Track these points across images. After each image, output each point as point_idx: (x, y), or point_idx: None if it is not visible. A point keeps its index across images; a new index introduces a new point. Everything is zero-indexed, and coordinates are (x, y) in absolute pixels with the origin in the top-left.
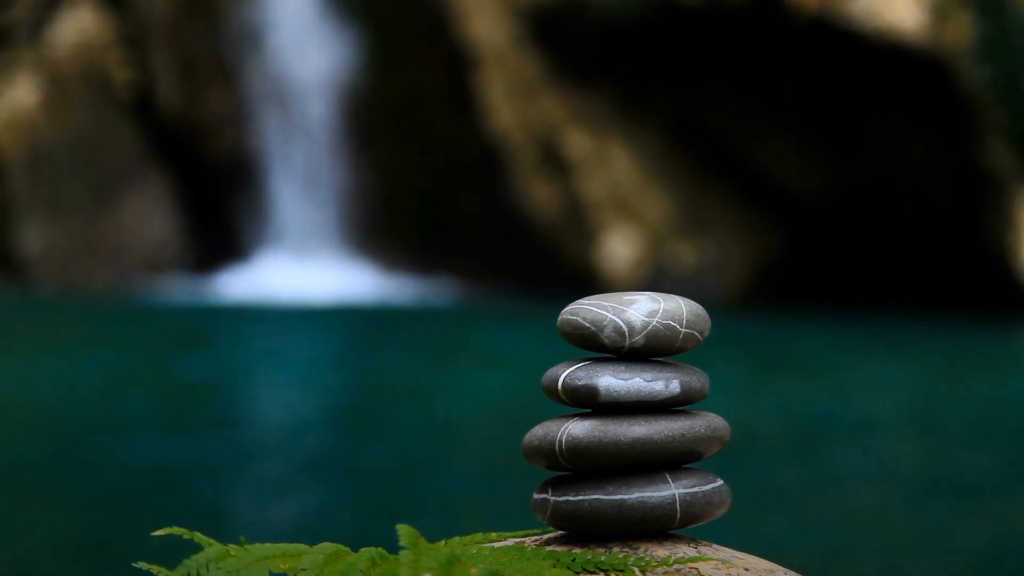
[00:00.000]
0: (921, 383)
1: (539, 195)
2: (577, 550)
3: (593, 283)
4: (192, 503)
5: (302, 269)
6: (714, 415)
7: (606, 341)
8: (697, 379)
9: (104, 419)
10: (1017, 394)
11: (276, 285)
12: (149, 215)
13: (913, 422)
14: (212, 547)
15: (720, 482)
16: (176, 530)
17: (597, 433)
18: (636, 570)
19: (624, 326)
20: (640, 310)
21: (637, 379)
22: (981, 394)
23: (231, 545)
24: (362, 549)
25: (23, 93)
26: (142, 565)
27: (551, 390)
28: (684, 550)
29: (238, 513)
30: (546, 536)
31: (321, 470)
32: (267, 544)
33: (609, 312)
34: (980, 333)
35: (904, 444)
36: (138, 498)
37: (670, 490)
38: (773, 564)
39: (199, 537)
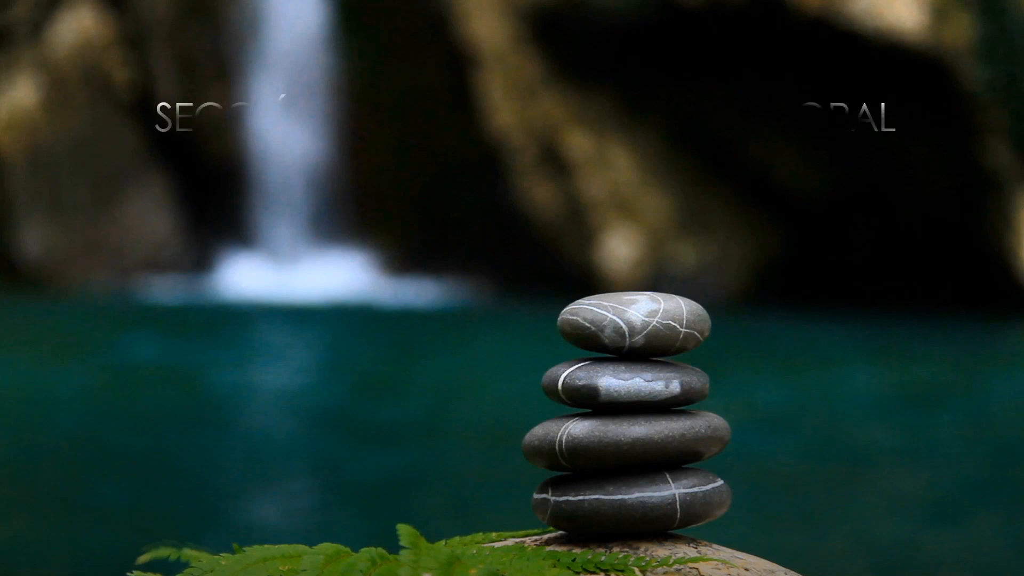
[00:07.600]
0: (922, 383)
1: (539, 195)
2: (577, 550)
3: (593, 283)
4: (192, 504)
5: (301, 269)
6: (714, 415)
7: (606, 341)
8: (697, 379)
9: (102, 420)
10: (1017, 393)
11: (275, 285)
12: (149, 215)
13: (913, 422)
14: (202, 561)
15: (720, 482)
16: (163, 552)
17: (597, 433)
18: (636, 570)
19: (624, 326)
20: (640, 310)
21: (637, 379)
22: (981, 393)
23: (223, 554)
24: (362, 549)
25: (23, 93)
26: (135, 575)
27: (551, 390)
28: (684, 550)
29: (237, 514)
30: (546, 536)
31: (320, 470)
32: (266, 545)
33: (609, 312)
34: (980, 333)
35: (903, 445)
36: (137, 499)
37: (670, 490)
38: (773, 564)
39: (187, 554)
